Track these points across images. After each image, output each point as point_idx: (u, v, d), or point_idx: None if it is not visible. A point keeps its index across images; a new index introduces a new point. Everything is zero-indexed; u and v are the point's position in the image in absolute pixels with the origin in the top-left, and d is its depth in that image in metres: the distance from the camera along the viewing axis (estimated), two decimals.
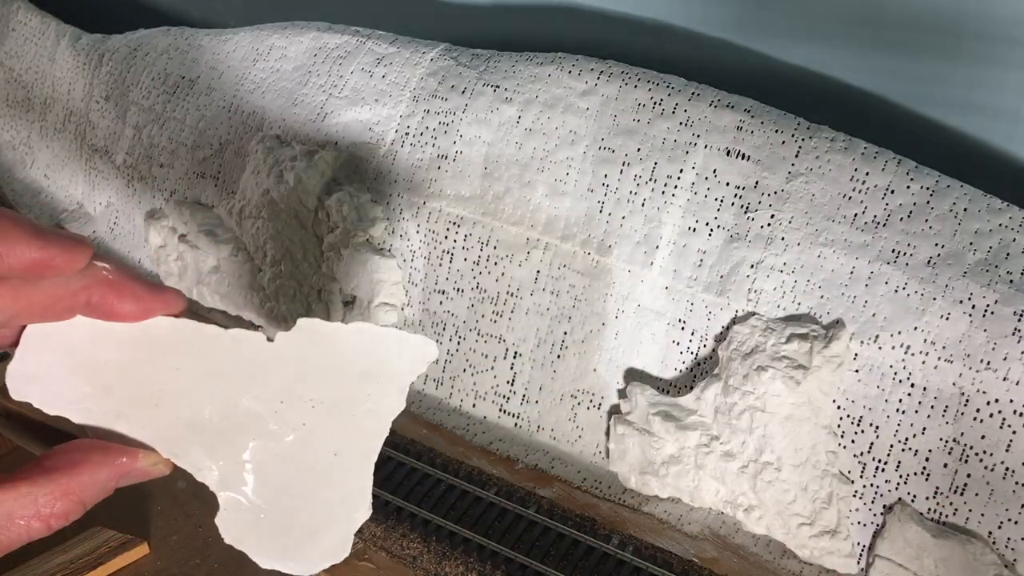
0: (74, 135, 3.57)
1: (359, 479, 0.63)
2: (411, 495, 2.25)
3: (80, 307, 0.60)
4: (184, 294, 0.65)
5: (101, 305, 0.61)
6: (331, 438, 0.64)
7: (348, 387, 0.65)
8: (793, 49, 2.41)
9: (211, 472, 0.62)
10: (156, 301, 0.63)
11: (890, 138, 2.14)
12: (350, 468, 0.64)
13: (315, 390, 0.65)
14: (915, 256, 1.99)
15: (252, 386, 0.64)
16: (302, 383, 0.65)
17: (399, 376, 0.66)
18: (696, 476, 2.13)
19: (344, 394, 0.65)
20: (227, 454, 0.62)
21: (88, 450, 0.58)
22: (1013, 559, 1.82)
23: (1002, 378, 1.84)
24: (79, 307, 0.60)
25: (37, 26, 3.81)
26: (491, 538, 2.13)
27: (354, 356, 0.66)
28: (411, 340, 0.67)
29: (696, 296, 2.17)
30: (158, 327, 0.63)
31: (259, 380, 0.64)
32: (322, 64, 2.85)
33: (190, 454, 0.62)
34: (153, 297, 0.63)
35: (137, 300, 0.62)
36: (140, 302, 0.62)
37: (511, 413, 2.47)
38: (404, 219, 2.58)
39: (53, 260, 0.57)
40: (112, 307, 0.61)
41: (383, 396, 0.65)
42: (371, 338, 0.66)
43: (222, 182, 2.95)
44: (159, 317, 0.63)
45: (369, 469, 0.64)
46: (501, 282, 2.45)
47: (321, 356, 0.65)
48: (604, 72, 2.41)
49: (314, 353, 0.65)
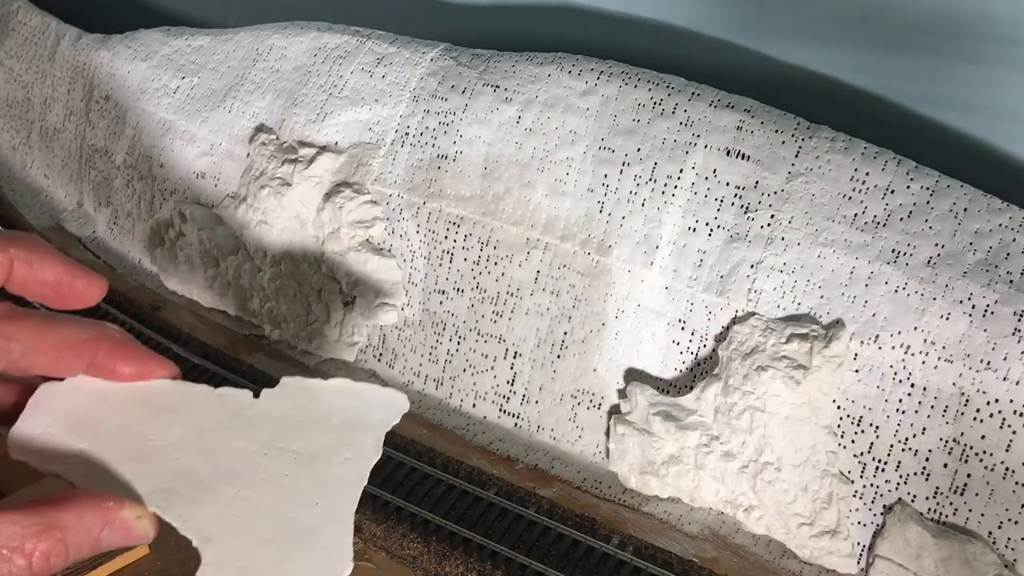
0: (74, 135, 3.57)
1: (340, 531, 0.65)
2: (411, 495, 2.25)
3: (87, 360, 0.66)
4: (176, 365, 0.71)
5: (105, 363, 0.66)
6: (312, 487, 0.67)
7: (328, 438, 0.69)
8: (793, 49, 2.41)
9: (195, 524, 0.64)
10: (155, 364, 0.69)
11: (890, 138, 2.14)
12: (331, 518, 0.66)
13: (296, 442, 0.68)
14: (915, 256, 1.99)
15: (237, 439, 0.67)
16: (284, 435, 0.68)
17: (375, 427, 0.70)
18: (696, 476, 2.13)
19: (324, 445, 0.68)
20: (211, 504, 0.64)
21: (75, 493, 0.60)
22: (1013, 559, 1.82)
23: (1002, 378, 1.84)
24: (86, 358, 0.66)
25: (37, 26, 3.81)
26: (491, 538, 2.13)
27: (333, 409, 0.70)
28: (383, 393, 0.72)
29: (696, 296, 2.18)
30: (153, 388, 0.68)
31: (244, 433, 0.68)
32: (322, 64, 2.86)
33: (174, 506, 0.64)
34: (152, 360, 0.69)
35: (138, 362, 0.68)
36: (141, 364, 0.68)
37: (511, 413, 2.47)
38: (404, 219, 2.58)
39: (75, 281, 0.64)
40: (115, 366, 0.67)
41: (361, 446, 0.69)
42: (349, 393, 0.71)
43: (222, 182, 2.95)
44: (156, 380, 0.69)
45: (349, 520, 0.66)
46: (501, 282, 2.45)
47: (302, 410, 0.70)
48: (604, 72, 2.41)
49: (296, 407, 0.70)
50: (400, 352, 2.65)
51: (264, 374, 2.70)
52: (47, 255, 0.63)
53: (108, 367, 0.66)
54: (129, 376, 0.67)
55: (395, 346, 2.66)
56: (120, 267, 3.28)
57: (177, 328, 2.90)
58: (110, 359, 0.66)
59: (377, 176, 2.63)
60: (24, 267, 0.62)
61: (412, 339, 2.62)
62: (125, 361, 0.67)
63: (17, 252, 0.62)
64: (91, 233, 3.47)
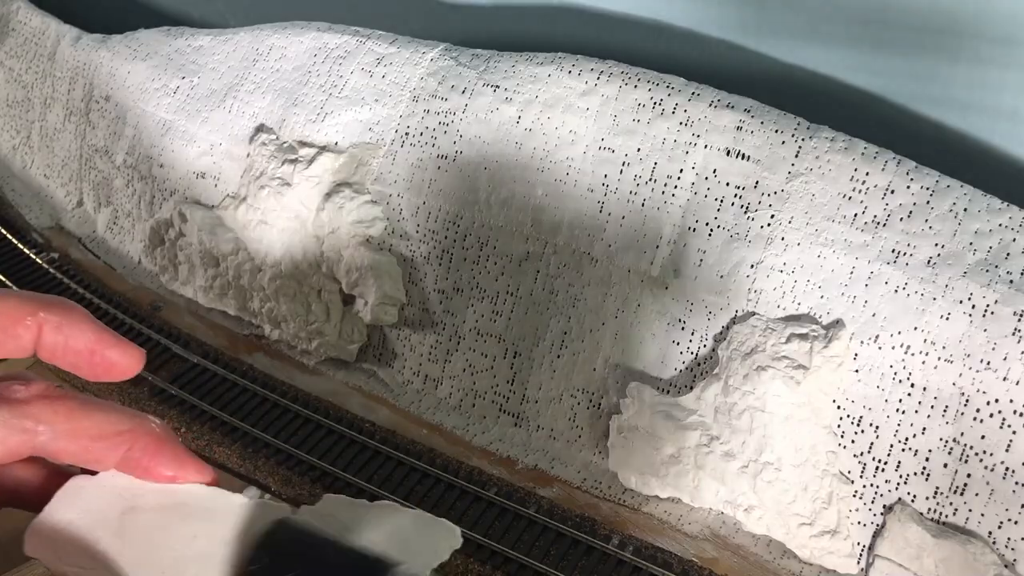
0: (74, 135, 3.57)
1: None
2: (411, 495, 2.25)
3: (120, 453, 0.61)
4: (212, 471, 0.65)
5: (140, 460, 0.61)
6: None
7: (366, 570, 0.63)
8: (793, 49, 2.41)
9: None
10: (192, 467, 0.63)
11: (890, 138, 2.14)
12: None
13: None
14: (915, 256, 1.99)
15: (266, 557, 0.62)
16: None
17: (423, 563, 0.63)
18: (696, 476, 2.13)
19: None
20: None
21: None
22: (1013, 559, 1.82)
23: (1002, 378, 1.84)
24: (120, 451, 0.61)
25: (37, 26, 3.81)
26: (491, 538, 2.13)
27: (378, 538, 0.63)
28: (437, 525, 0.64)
29: (696, 296, 2.18)
30: (185, 492, 0.63)
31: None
32: (322, 64, 2.86)
33: None
34: (190, 463, 0.63)
35: (175, 462, 0.62)
36: (177, 465, 0.62)
37: (511, 413, 2.47)
38: (404, 219, 2.58)
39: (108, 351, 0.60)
40: (150, 465, 0.62)
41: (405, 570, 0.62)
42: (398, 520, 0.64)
43: (222, 182, 2.95)
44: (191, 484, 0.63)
45: None
46: (501, 282, 2.45)
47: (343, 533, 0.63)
48: (604, 72, 2.42)
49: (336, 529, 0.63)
50: (400, 352, 2.65)
51: (264, 373, 2.71)
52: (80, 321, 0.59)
53: (143, 465, 0.61)
54: (163, 477, 0.62)
55: (395, 346, 2.66)
56: (120, 267, 3.28)
57: (177, 328, 2.90)
58: (146, 456, 0.61)
59: (377, 176, 2.63)
60: (54, 333, 0.58)
61: (412, 339, 2.62)
62: (159, 460, 0.61)
63: (47, 316, 0.58)
64: (91, 233, 3.47)
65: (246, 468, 2.38)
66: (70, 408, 0.58)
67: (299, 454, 2.39)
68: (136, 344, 0.63)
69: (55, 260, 3.30)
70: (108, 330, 0.61)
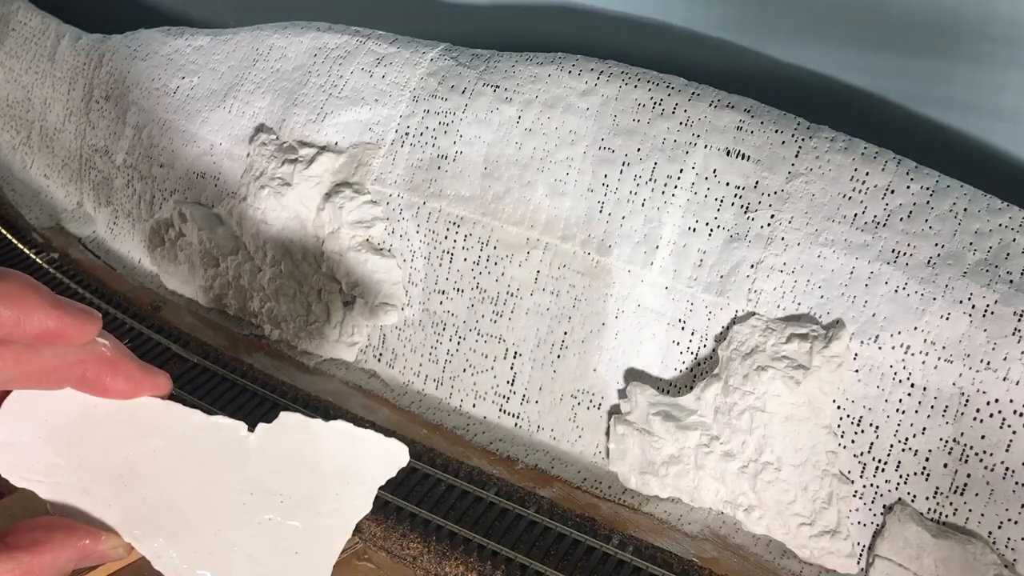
0: (74, 135, 3.58)
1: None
2: (411, 495, 2.25)
3: (74, 380, 0.61)
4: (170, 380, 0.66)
5: (95, 381, 0.62)
6: (294, 535, 0.64)
7: (318, 484, 0.65)
8: (793, 49, 2.41)
9: (170, 560, 0.61)
10: (147, 381, 0.64)
11: (890, 138, 2.14)
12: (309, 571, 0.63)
13: (285, 484, 0.65)
14: (915, 256, 1.99)
15: (224, 474, 0.64)
16: (274, 476, 0.65)
17: (370, 478, 0.66)
18: (696, 476, 2.13)
19: (313, 491, 0.65)
20: (188, 541, 0.61)
21: (51, 529, 0.57)
22: (1013, 559, 1.82)
23: (1002, 378, 1.84)
24: (74, 379, 0.61)
25: (37, 26, 3.81)
26: (491, 538, 2.13)
27: (329, 454, 0.66)
28: (385, 444, 0.67)
29: (696, 296, 2.18)
30: (141, 407, 0.64)
31: (232, 469, 0.64)
32: (322, 64, 2.86)
33: (151, 538, 0.61)
34: (145, 377, 0.63)
35: (129, 379, 0.63)
36: (132, 381, 0.63)
37: (511, 413, 2.47)
38: (404, 219, 2.58)
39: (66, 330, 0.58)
40: (105, 384, 0.62)
41: (351, 497, 0.65)
42: (349, 439, 0.66)
43: (222, 182, 2.95)
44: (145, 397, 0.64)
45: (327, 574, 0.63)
46: (501, 282, 2.45)
47: (297, 451, 0.66)
48: (604, 72, 2.42)
49: (291, 447, 0.66)
50: (400, 352, 2.65)
51: (264, 373, 2.71)
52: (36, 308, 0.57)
53: (98, 384, 0.62)
54: (119, 392, 0.63)
55: (395, 346, 2.66)
56: (120, 267, 3.28)
57: (177, 328, 2.90)
58: (98, 376, 0.61)
59: (377, 176, 2.63)
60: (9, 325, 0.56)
61: (412, 339, 2.62)
62: (114, 378, 0.62)
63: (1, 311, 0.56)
64: (91, 233, 3.47)
65: None
66: (16, 353, 0.58)
67: None
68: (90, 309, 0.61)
69: (55, 260, 3.30)
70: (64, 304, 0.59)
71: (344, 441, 0.66)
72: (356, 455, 0.66)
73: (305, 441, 0.66)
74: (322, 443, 0.66)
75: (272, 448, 0.65)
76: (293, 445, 0.66)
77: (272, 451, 0.65)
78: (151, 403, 0.64)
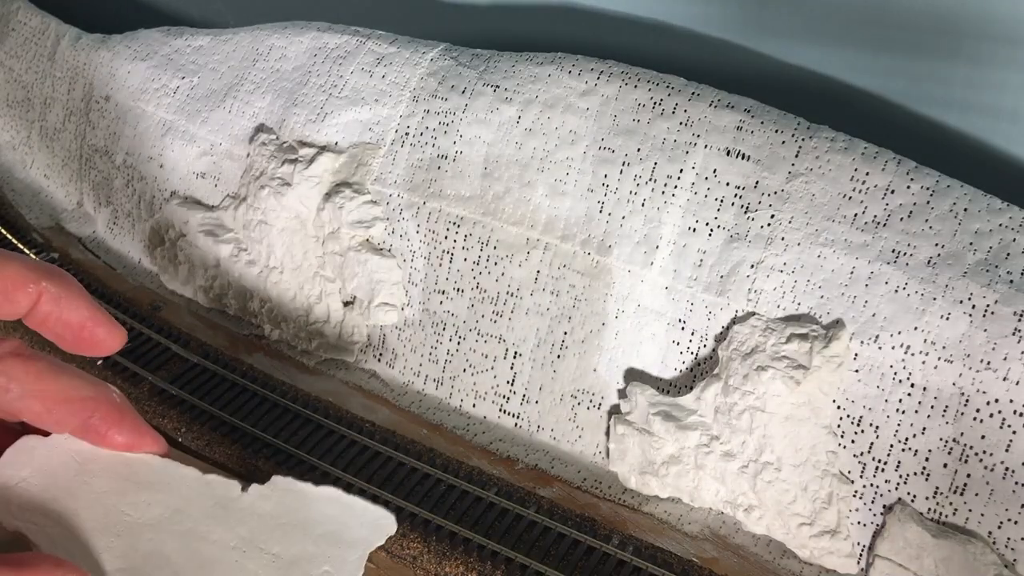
0: (74, 135, 3.58)
1: None
2: (411, 495, 2.25)
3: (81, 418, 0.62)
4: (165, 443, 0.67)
5: (98, 428, 0.63)
6: None
7: (309, 547, 0.65)
8: (793, 49, 2.41)
9: None
10: (148, 438, 0.65)
11: (890, 138, 2.14)
12: None
13: (277, 544, 0.65)
14: (915, 256, 1.99)
15: (217, 530, 0.64)
16: (266, 536, 0.65)
17: (358, 544, 0.66)
18: (696, 476, 2.13)
19: (304, 553, 0.65)
20: None
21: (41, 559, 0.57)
22: (1013, 559, 1.82)
23: (1002, 378, 1.84)
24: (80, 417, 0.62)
25: (37, 26, 3.81)
26: (491, 538, 2.13)
27: (320, 518, 0.67)
28: (372, 511, 0.68)
29: (696, 296, 2.18)
30: (139, 462, 0.65)
31: (225, 526, 0.65)
32: (322, 64, 2.86)
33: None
34: (145, 433, 0.65)
35: (132, 432, 0.64)
36: (134, 435, 0.64)
37: (511, 413, 2.47)
38: (404, 219, 2.58)
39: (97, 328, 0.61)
40: (107, 432, 0.63)
41: (342, 562, 0.65)
42: (338, 504, 0.68)
43: (222, 182, 2.95)
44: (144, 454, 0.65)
45: None
46: (501, 282, 2.45)
47: (289, 513, 0.66)
48: (604, 72, 2.42)
49: (283, 509, 0.67)
50: (400, 352, 2.65)
51: (264, 373, 2.71)
52: (77, 297, 0.60)
53: (100, 432, 0.63)
54: (119, 445, 0.64)
55: (395, 346, 2.66)
56: (120, 267, 3.28)
57: (177, 328, 2.90)
58: (104, 424, 0.63)
59: (377, 176, 2.64)
60: (51, 303, 0.59)
61: (412, 339, 2.62)
62: (118, 429, 0.63)
63: (48, 286, 0.59)
64: (91, 233, 3.47)
65: (246, 468, 2.38)
66: (40, 369, 0.59)
67: (299, 454, 2.39)
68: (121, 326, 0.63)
69: (55, 260, 3.30)
70: (100, 309, 0.62)
71: (333, 506, 0.67)
72: (345, 521, 0.67)
73: (296, 504, 0.67)
74: (313, 506, 0.67)
75: (264, 508, 0.66)
76: (285, 507, 0.67)
77: (264, 511, 0.66)
78: (149, 459, 0.65)
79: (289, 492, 0.67)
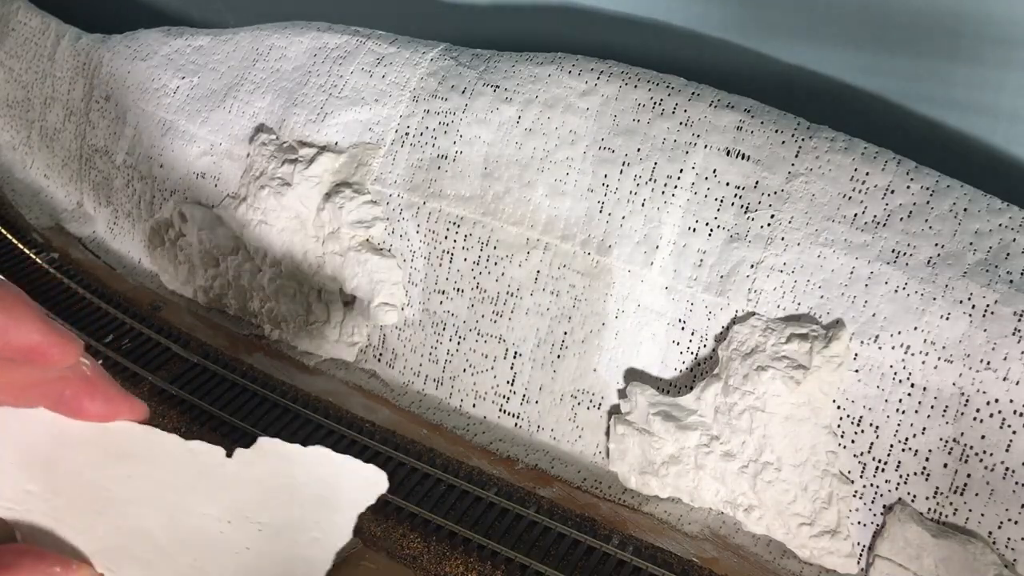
0: (74, 135, 3.58)
1: None
2: (411, 495, 2.25)
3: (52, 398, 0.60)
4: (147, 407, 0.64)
5: (72, 401, 0.61)
6: (274, 565, 0.62)
7: (297, 511, 0.63)
8: (793, 49, 2.41)
9: None
10: (125, 405, 0.62)
11: (890, 138, 2.14)
12: None
13: (264, 512, 0.63)
14: (915, 256, 1.99)
15: (202, 501, 0.62)
16: (253, 504, 0.63)
17: (350, 506, 0.64)
18: (696, 476, 2.13)
19: (293, 519, 0.63)
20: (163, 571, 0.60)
21: (20, 554, 0.55)
22: (1013, 559, 1.82)
23: (1002, 378, 1.84)
24: (51, 398, 0.60)
25: (37, 26, 3.81)
26: (491, 538, 2.13)
27: (309, 480, 0.64)
28: (364, 470, 0.65)
29: (696, 296, 2.18)
30: (118, 431, 0.62)
31: (210, 496, 0.62)
32: (322, 64, 2.86)
33: (125, 568, 0.59)
34: (123, 400, 0.62)
35: (107, 401, 0.61)
36: (110, 404, 0.62)
37: (511, 413, 2.47)
38: (404, 219, 2.58)
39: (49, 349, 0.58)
40: (82, 405, 0.61)
41: (331, 525, 0.64)
42: (327, 464, 0.64)
43: (222, 182, 2.95)
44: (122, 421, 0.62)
45: None
46: (501, 282, 2.45)
47: (275, 477, 0.64)
48: (604, 72, 2.42)
49: (269, 473, 0.64)
50: (400, 352, 2.65)
51: (264, 373, 2.71)
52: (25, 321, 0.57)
53: (75, 404, 0.60)
54: (95, 415, 0.61)
55: (395, 346, 2.66)
56: (120, 267, 3.28)
57: (177, 328, 2.90)
58: (77, 396, 0.60)
59: (377, 176, 2.64)
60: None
61: (412, 339, 2.62)
62: (92, 399, 0.61)
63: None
64: (91, 233, 3.47)
65: None
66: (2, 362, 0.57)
67: None
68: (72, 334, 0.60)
69: (55, 260, 3.30)
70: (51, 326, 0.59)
71: (323, 467, 0.64)
72: (335, 481, 0.65)
73: (283, 467, 0.64)
74: (300, 469, 0.64)
75: (250, 474, 0.63)
76: (271, 471, 0.64)
77: (250, 477, 0.63)
78: (127, 427, 0.62)
79: (276, 455, 0.64)
